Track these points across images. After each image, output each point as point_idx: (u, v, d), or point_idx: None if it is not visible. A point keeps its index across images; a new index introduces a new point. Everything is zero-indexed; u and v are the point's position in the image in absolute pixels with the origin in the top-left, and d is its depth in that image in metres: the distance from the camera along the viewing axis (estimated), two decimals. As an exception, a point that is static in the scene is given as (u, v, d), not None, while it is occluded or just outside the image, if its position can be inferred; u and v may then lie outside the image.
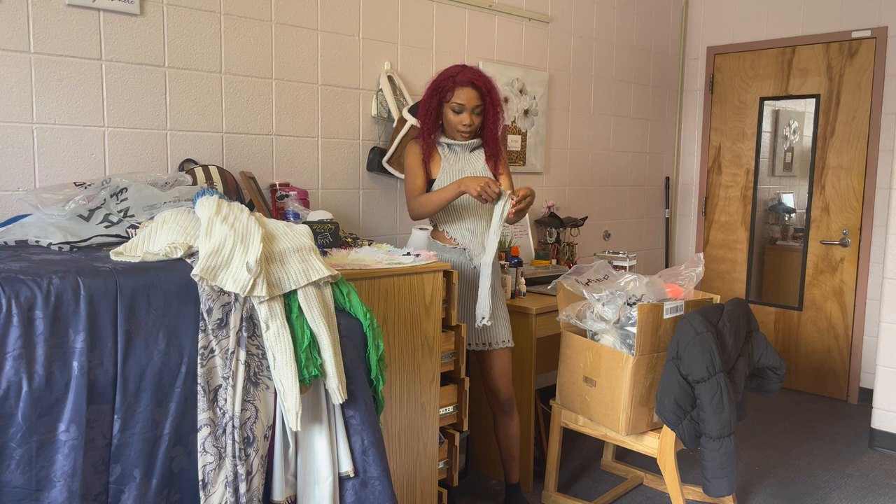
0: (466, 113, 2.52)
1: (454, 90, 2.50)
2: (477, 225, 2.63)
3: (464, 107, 2.51)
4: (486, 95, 2.51)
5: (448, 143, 2.62)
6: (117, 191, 1.97)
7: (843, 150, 4.25)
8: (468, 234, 2.62)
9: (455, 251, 2.63)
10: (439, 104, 2.56)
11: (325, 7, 2.88)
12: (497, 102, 2.56)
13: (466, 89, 2.49)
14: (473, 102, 2.51)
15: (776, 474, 3.27)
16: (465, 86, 2.49)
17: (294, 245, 1.67)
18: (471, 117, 2.53)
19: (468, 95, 2.49)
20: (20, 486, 1.33)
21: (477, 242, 2.62)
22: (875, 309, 4.15)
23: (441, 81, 2.53)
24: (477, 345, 2.65)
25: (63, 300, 1.37)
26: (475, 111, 2.53)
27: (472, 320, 2.61)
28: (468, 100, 2.50)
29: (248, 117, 2.70)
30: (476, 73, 2.52)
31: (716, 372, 2.42)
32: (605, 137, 4.33)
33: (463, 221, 2.62)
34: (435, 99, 2.55)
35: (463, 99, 2.50)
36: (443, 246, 2.64)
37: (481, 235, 2.62)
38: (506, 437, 2.77)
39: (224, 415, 1.50)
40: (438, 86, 2.54)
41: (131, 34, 2.38)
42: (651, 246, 4.84)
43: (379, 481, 1.64)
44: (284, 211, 2.62)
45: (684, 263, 2.83)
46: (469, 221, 2.62)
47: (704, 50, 4.78)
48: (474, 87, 2.50)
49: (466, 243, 2.62)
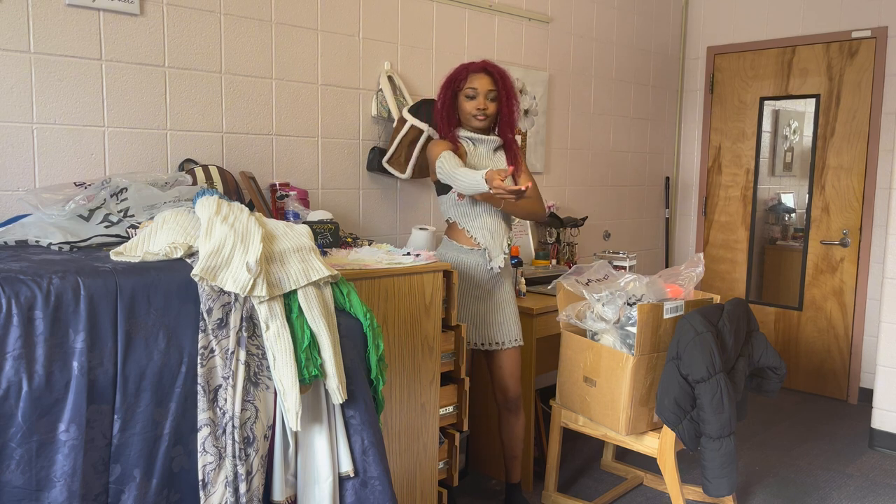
0: (480, 97, 2.54)
1: (467, 77, 2.55)
2: (497, 225, 2.61)
3: (477, 91, 2.54)
4: (499, 81, 2.55)
5: (469, 136, 2.61)
6: (117, 191, 1.97)
7: (843, 150, 4.25)
8: (488, 233, 2.59)
9: (474, 253, 2.60)
10: (453, 96, 2.58)
11: (325, 7, 2.88)
12: (510, 89, 2.58)
13: (479, 75, 2.54)
14: (487, 87, 2.53)
15: (776, 474, 3.27)
16: (477, 72, 2.55)
17: (294, 245, 1.67)
18: (485, 102, 2.54)
19: (481, 81, 2.54)
20: (20, 486, 1.33)
21: (496, 243, 2.60)
22: (875, 309, 4.15)
23: (454, 74, 2.58)
24: (490, 345, 2.65)
25: (63, 300, 1.37)
26: (489, 96, 2.55)
27: (484, 323, 2.62)
28: (481, 85, 2.53)
29: (248, 117, 2.70)
30: (488, 62, 2.58)
31: (716, 372, 2.42)
32: (605, 137, 4.33)
33: (484, 220, 2.59)
34: (449, 92, 2.58)
35: (476, 84, 2.53)
36: (460, 247, 2.62)
37: (500, 236, 2.61)
38: (510, 436, 2.77)
39: (224, 415, 1.50)
40: (451, 78, 2.58)
41: (131, 34, 2.38)
42: (651, 246, 4.84)
43: (379, 481, 1.64)
44: (284, 211, 2.62)
45: (684, 263, 2.83)
46: (490, 220, 2.60)
47: (704, 50, 4.78)
48: (487, 72, 2.54)
49: (486, 243, 2.59)
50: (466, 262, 2.60)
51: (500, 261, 2.58)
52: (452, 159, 2.44)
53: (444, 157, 2.45)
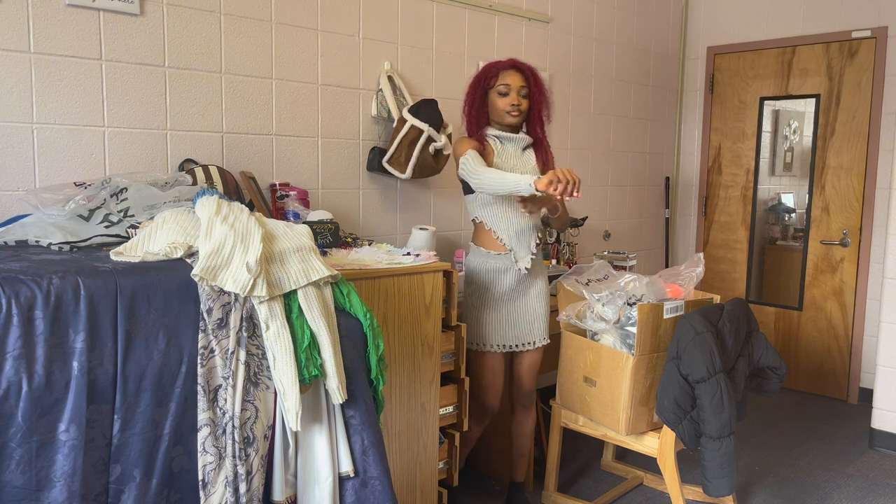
0: (513, 92, 2.53)
1: (498, 75, 2.55)
2: (524, 225, 2.58)
3: (510, 87, 2.53)
4: (530, 78, 2.56)
5: (498, 135, 2.59)
6: (117, 191, 1.97)
7: (843, 150, 4.25)
8: (514, 234, 2.56)
9: (500, 258, 2.57)
10: (483, 95, 2.58)
11: (325, 7, 2.88)
12: (541, 86, 2.59)
13: (511, 72, 2.54)
14: (519, 83, 2.54)
15: (776, 474, 3.27)
16: (509, 69, 2.55)
17: (294, 245, 1.67)
18: (518, 98, 2.54)
19: (513, 77, 2.54)
20: (20, 486, 1.33)
21: (523, 244, 2.57)
22: (875, 309, 4.15)
23: (483, 72, 2.58)
24: (522, 346, 2.63)
25: (63, 300, 1.37)
26: (521, 93, 2.54)
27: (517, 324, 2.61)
28: (514, 81, 2.53)
29: (248, 117, 2.70)
30: (517, 60, 2.59)
31: (716, 372, 2.42)
32: (605, 137, 4.33)
33: (510, 220, 2.56)
34: (479, 91, 2.57)
35: (508, 80, 2.53)
36: (488, 253, 2.58)
37: (528, 237, 2.58)
38: (520, 433, 2.78)
39: (224, 415, 1.50)
40: (481, 78, 2.58)
41: (131, 34, 2.38)
42: (651, 246, 4.84)
43: (379, 481, 1.64)
44: (284, 211, 2.62)
45: (684, 263, 2.83)
46: (516, 221, 2.56)
47: (704, 50, 4.78)
48: (518, 69, 2.55)
49: (512, 244, 2.56)
50: (496, 267, 2.58)
51: (526, 261, 2.56)
52: (476, 158, 2.45)
53: (469, 155, 2.46)
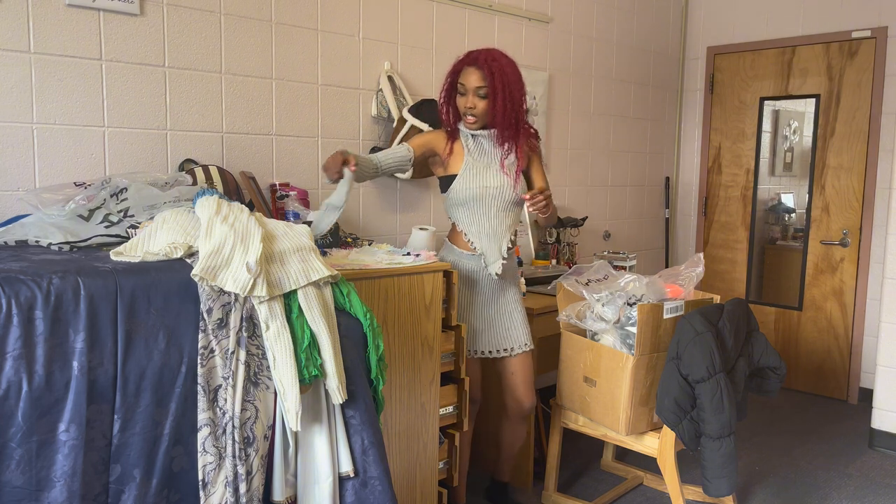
0: (469, 94, 2.35)
1: (460, 71, 2.37)
2: (496, 229, 2.48)
3: (465, 87, 2.35)
4: (488, 77, 2.30)
5: (473, 133, 2.45)
6: (117, 191, 1.97)
7: (843, 150, 4.25)
8: (485, 237, 2.47)
9: (473, 258, 2.50)
10: (454, 91, 2.42)
11: (325, 7, 2.88)
12: (502, 85, 2.31)
13: (469, 69, 2.34)
14: (475, 83, 2.33)
15: (776, 474, 3.27)
16: (468, 65, 2.35)
17: (294, 245, 1.67)
18: (473, 100, 2.34)
19: (469, 76, 2.34)
20: (20, 486, 1.33)
21: (494, 248, 2.48)
22: (875, 309, 4.15)
23: (452, 66, 2.42)
24: (499, 351, 2.56)
25: (63, 300, 1.37)
26: (478, 93, 2.34)
27: (491, 329, 2.55)
28: (470, 80, 2.33)
29: (248, 117, 2.70)
30: (483, 53, 2.34)
31: (716, 372, 2.42)
32: (605, 137, 4.33)
33: (481, 223, 2.46)
34: (450, 87, 2.42)
35: (464, 79, 2.35)
36: (460, 252, 2.51)
37: (499, 240, 2.48)
38: (512, 441, 2.74)
39: (224, 415, 1.50)
40: (449, 73, 2.43)
41: (131, 34, 2.38)
42: (651, 246, 4.84)
43: (379, 481, 1.64)
44: (284, 211, 2.62)
45: (684, 263, 2.83)
46: (487, 224, 2.46)
47: (704, 50, 4.78)
48: (477, 66, 2.32)
49: (483, 247, 2.48)
50: (466, 267, 2.51)
51: (497, 266, 2.47)
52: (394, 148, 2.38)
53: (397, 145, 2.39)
